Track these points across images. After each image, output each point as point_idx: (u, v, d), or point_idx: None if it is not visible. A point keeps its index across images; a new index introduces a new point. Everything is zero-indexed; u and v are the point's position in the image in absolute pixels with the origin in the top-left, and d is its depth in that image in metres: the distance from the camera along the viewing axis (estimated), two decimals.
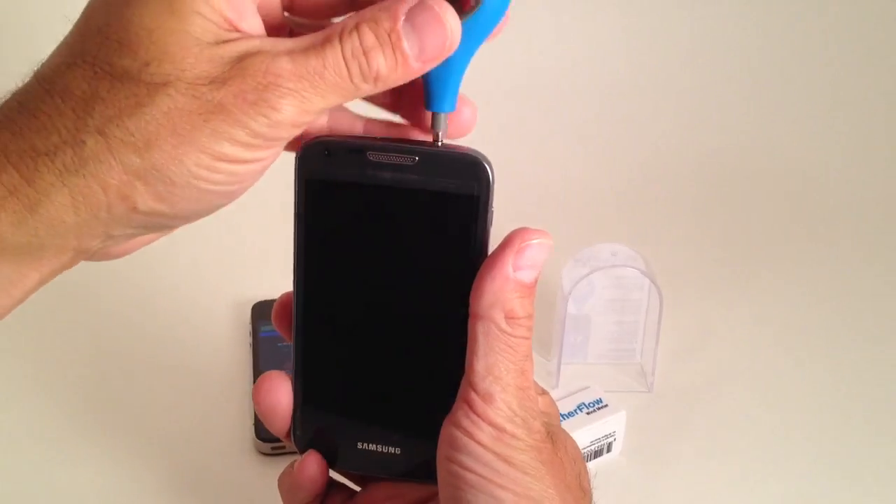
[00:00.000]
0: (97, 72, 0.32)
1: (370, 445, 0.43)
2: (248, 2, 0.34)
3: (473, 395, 0.39)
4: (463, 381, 0.39)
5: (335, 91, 0.34)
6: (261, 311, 0.73)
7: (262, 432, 0.63)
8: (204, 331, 0.74)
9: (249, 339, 0.72)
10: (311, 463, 0.43)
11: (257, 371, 0.68)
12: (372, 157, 0.38)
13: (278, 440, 0.62)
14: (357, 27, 0.33)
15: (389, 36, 0.33)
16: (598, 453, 0.64)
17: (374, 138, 0.40)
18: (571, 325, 0.71)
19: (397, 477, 0.44)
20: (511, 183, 0.62)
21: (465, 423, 0.39)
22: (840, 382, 0.72)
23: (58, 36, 0.34)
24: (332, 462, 0.44)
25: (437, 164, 0.38)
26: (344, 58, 0.33)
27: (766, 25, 1.04)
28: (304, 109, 0.33)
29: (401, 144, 0.39)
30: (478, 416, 0.39)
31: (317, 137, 0.39)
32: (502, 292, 0.38)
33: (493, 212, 0.39)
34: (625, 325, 0.72)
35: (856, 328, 0.78)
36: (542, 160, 0.92)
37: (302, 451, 0.44)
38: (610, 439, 0.65)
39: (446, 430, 0.40)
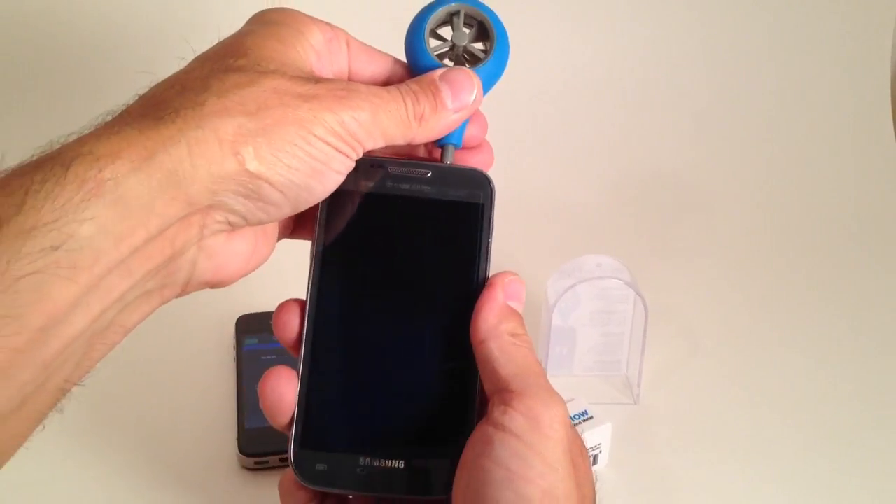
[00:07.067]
0: (214, 68, 0.39)
1: (373, 462, 0.43)
2: (331, 60, 0.43)
3: (508, 394, 0.40)
4: (489, 392, 0.42)
5: (394, 120, 0.42)
6: (244, 324, 0.73)
7: (245, 447, 0.63)
8: (187, 344, 0.73)
9: (233, 353, 0.72)
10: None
11: (241, 385, 0.68)
12: (392, 170, 0.45)
13: (261, 455, 0.62)
14: (409, 82, 0.43)
15: (430, 86, 0.43)
16: None
17: (393, 158, 0.46)
18: (556, 336, 0.71)
19: (401, 493, 0.43)
20: (496, 195, 0.62)
21: (504, 418, 0.40)
22: (830, 393, 0.72)
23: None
24: (332, 481, 0.43)
25: (448, 177, 0.45)
26: (401, 95, 0.42)
27: (750, 38, 1.05)
28: (376, 121, 0.41)
29: (416, 160, 0.46)
30: (514, 409, 0.40)
31: None
32: (503, 315, 0.43)
33: (493, 221, 0.45)
34: (610, 337, 0.72)
35: (844, 338, 0.78)
36: (526, 171, 0.92)
37: (302, 476, 0.43)
38: (596, 451, 0.64)
39: (479, 430, 0.41)
